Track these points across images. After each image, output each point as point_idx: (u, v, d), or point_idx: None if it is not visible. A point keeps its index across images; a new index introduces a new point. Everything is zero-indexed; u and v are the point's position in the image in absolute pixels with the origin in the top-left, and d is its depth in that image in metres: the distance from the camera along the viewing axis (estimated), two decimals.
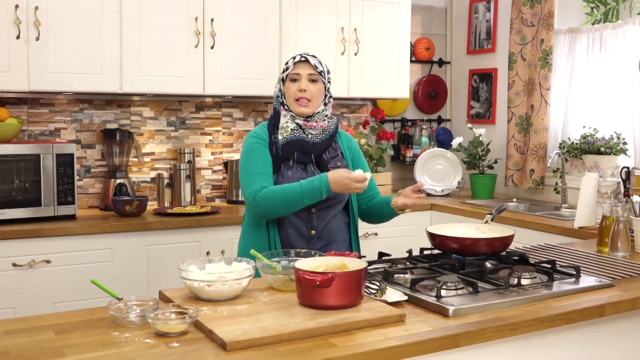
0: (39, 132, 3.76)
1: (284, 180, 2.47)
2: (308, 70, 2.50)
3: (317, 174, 2.44)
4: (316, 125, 2.53)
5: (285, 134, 2.50)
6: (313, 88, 2.50)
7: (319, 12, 4.08)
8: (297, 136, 2.51)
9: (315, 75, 2.51)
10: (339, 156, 2.60)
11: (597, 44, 4.03)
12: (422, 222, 4.07)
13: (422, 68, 5.01)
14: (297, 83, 2.50)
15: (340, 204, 2.55)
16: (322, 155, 2.54)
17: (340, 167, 2.54)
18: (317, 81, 2.52)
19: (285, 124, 2.52)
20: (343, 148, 2.63)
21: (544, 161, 4.22)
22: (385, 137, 4.54)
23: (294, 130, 2.51)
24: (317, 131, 2.53)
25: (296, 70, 2.50)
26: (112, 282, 3.24)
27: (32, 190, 3.34)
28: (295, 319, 1.72)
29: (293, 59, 2.53)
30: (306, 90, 2.49)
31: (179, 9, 3.66)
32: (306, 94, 2.49)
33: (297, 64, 2.51)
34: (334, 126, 2.59)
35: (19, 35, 3.30)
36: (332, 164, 2.55)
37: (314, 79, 2.51)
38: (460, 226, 2.50)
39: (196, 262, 2.00)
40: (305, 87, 2.49)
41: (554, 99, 4.23)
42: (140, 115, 4.01)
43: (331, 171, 2.38)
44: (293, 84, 2.51)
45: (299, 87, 2.49)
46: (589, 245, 2.79)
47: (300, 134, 2.51)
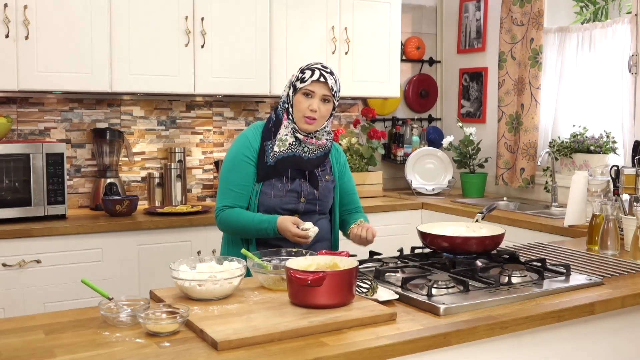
0: (29, 131, 3.74)
1: (273, 192, 2.49)
2: (324, 90, 2.46)
3: (306, 188, 2.52)
4: (315, 143, 2.52)
5: (283, 148, 2.49)
6: (324, 109, 2.47)
7: (309, 11, 4.08)
8: (294, 152, 2.50)
9: (329, 96, 2.47)
10: (328, 170, 2.62)
11: (586, 43, 4.05)
12: (413, 221, 4.08)
13: (413, 67, 5.01)
14: (310, 100, 2.45)
15: (322, 214, 2.61)
16: (315, 170, 2.56)
17: (329, 181, 2.59)
18: (329, 101, 2.48)
19: (284, 137, 2.50)
20: (332, 162, 2.65)
21: (534, 160, 4.24)
22: (376, 136, 4.54)
23: (292, 145, 2.50)
24: (314, 147, 2.53)
25: (312, 88, 2.45)
26: (103, 281, 3.22)
27: (21, 190, 3.32)
28: (286, 318, 1.72)
29: (312, 74, 2.45)
30: (317, 111, 2.45)
31: (169, 8, 3.65)
32: (316, 114, 2.46)
33: (316, 82, 2.45)
34: (330, 144, 2.60)
35: (8, 34, 3.28)
36: (322, 178, 2.58)
37: (327, 99, 2.48)
38: (451, 225, 2.51)
39: (187, 261, 2.00)
40: (317, 107, 2.45)
41: (544, 98, 4.25)
42: (130, 115, 4.00)
43: (281, 218, 2.40)
44: (305, 100, 2.46)
45: (310, 105, 2.45)
46: (579, 244, 2.81)
47: (297, 149, 2.51)
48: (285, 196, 2.50)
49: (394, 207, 4.16)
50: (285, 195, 2.50)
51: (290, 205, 2.51)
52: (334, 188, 2.63)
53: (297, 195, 2.52)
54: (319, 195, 2.55)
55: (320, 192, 2.56)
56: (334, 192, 2.63)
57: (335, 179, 2.64)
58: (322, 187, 2.56)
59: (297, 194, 2.52)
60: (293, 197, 2.52)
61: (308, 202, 2.54)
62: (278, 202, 2.49)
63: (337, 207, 2.66)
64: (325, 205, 2.59)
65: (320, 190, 2.56)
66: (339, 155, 2.70)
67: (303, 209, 2.53)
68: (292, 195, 2.51)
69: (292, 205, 2.51)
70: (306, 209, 2.54)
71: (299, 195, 2.52)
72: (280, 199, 2.49)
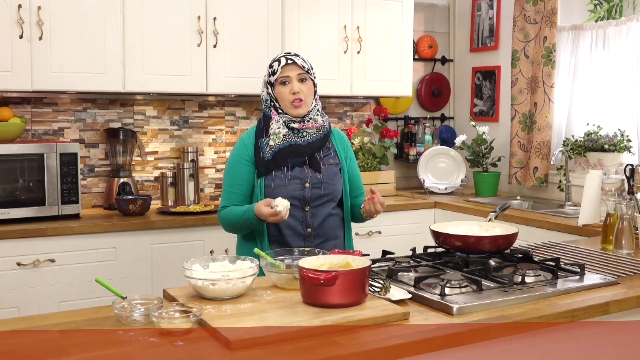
0: (43, 131, 3.77)
1: (274, 182, 2.51)
2: (296, 71, 2.52)
3: (309, 173, 2.54)
4: (312, 127, 2.55)
5: (277, 140, 2.52)
6: (304, 88, 2.52)
7: (321, 10, 4.08)
8: (290, 142, 2.53)
9: (304, 74, 2.53)
10: (332, 154, 2.62)
11: (600, 41, 4.02)
12: (425, 220, 4.08)
13: (425, 66, 5.00)
14: (289, 86, 2.51)
15: (333, 200, 2.59)
16: (315, 154, 2.57)
17: (333, 164, 2.60)
18: (306, 80, 2.54)
19: (277, 130, 2.53)
20: (337, 147, 2.66)
21: (547, 159, 4.21)
22: (388, 135, 4.53)
23: (286, 135, 2.53)
24: (312, 130, 2.56)
25: (285, 73, 2.51)
26: (116, 281, 3.24)
27: (36, 190, 3.34)
28: (299, 317, 1.72)
29: (278, 62, 2.53)
30: (299, 92, 2.51)
31: (182, 8, 3.66)
32: (299, 94, 2.51)
33: (285, 67, 2.52)
34: (328, 125, 2.62)
35: (22, 34, 3.30)
36: (325, 162, 2.58)
37: (303, 78, 2.53)
38: (464, 224, 2.50)
39: (200, 260, 2.00)
40: (297, 88, 2.51)
41: (558, 97, 4.22)
42: (143, 114, 4.02)
43: (256, 205, 2.42)
44: (284, 87, 2.52)
45: (291, 89, 2.51)
46: (593, 243, 2.79)
47: (293, 138, 2.54)
48: (289, 184, 2.51)
49: (406, 207, 4.15)
50: (289, 184, 2.51)
51: (296, 192, 2.52)
52: (340, 172, 2.62)
53: (300, 181, 2.53)
54: (323, 178, 2.55)
55: (324, 174, 2.56)
56: (341, 176, 2.62)
57: (342, 163, 2.64)
58: (325, 169, 2.56)
59: (301, 180, 2.53)
60: (297, 184, 2.52)
61: (314, 187, 2.53)
62: (283, 191, 2.49)
63: (346, 195, 2.64)
64: (332, 189, 2.57)
65: (324, 173, 2.56)
66: (343, 141, 2.70)
67: (310, 195, 2.53)
68: (295, 182, 2.52)
69: (298, 192, 2.52)
70: (313, 195, 2.54)
71: (303, 182, 2.53)
72: (285, 188, 2.50)
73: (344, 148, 2.68)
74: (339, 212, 2.64)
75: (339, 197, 2.62)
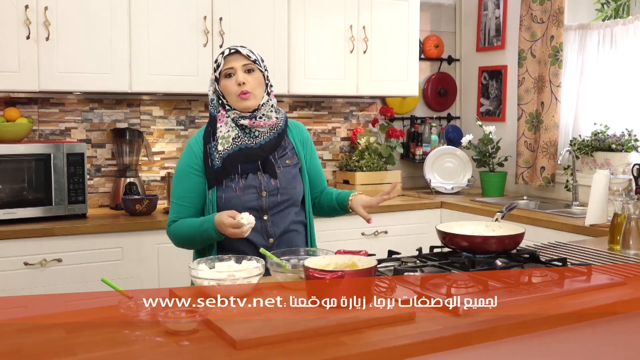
0: (50, 131, 3.78)
1: (226, 194, 2.31)
2: (241, 61, 2.30)
3: (264, 179, 2.34)
4: (264, 125, 2.34)
5: (227, 145, 2.32)
6: (251, 79, 2.30)
7: (327, 10, 4.08)
8: (240, 145, 2.32)
9: (250, 64, 2.31)
10: (288, 154, 2.41)
11: (607, 40, 4.00)
12: (432, 220, 4.07)
13: (432, 65, 4.99)
14: (234, 77, 2.30)
15: (293, 205, 2.40)
16: (269, 157, 2.36)
17: (290, 166, 2.39)
18: (253, 70, 2.32)
19: (226, 134, 2.32)
20: (294, 142, 2.44)
21: (554, 158, 4.20)
22: (394, 135, 4.53)
23: (236, 139, 2.32)
24: (264, 129, 2.35)
25: (229, 65, 2.30)
26: (123, 280, 3.24)
27: (43, 190, 3.35)
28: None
29: (222, 54, 2.32)
30: (245, 83, 2.29)
31: (188, 8, 3.67)
32: (245, 86, 2.29)
33: (228, 57, 2.31)
34: (283, 122, 2.40)
35: (29, 35, 3.31)
36: (281, 164, 2.38)
37: (250, 69, 2.31)
38: (470, 224, 2.49)
39: (206, 260, 2.01)
40: (242, 79, 2.29)
41: (565, 96, 4.21)
42: (149, 115, 4.02)
43: (218, 214, 2.22)
44: (229, 80, 2.30)
45: (236, 81, 2.29)
46: (601, 243, 2.78)
47: (244, 141, 2.33)
48: (243, 195, 2.31)
49: (412, 207, 4.14)
50: (243, 194, 2.31)
51: (252, 202, 2.31)
52: (300, 172, 2.42)
53: (256, 190, 2.33)
54: (280, 184, 2.35)
55: (281, 179, 2.35)
56: (300, 177, 2.42)
57: (301, 161, 2.42)
58: (281, 174, 2.36)
59: (256, 188, 2.33)
60: (252, 193, 2.32)
61: (271, 195, 2.33)
62: (237, 202, 2.29)
63: (307, 195, 2.44)
64: (292, 194, 2.37)
65: (281, 178, 2.35)
66: (301, 133, 2.47)
67: (268, 203, 2.33)
68: (250, 191, 2.32)
69: (254, 202, 2.32)
70: (271, 203, 2.34)
71: (259, 190, 2.33)
72: (239, 199, 2.30)
73: (302, 142, 2.46)
74: (299, 215, 2.43)
75: (300, 199, 2.42)
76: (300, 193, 2.42)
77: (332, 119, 4.59)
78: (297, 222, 2.43)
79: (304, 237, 2.46)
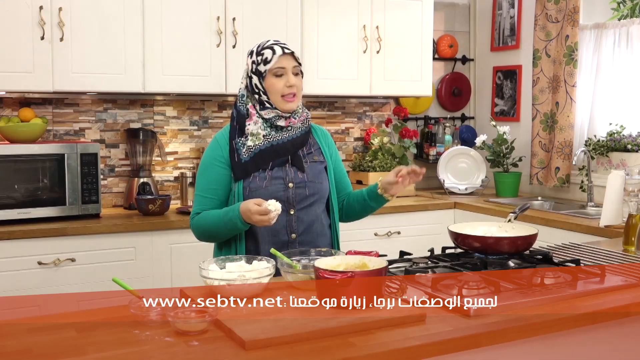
0: (64, 131, 3.80)
1: (252, 185, 2.31)
2: (292, 63, 2.32)
3: (291, 172, 2.34)
4: (297, 121, 2.37)
5: (257, 141, 2.32)
6: (298, 82, 2.33)
7: (340, 10, 4.07)
8: (271, 142, 2.33)
9: (298, 67, 2.34)
10: (315, 152, 2.43)
11: (623, 40, 3.97)
12: (445, 220, 4.04)
13: (445, 65, 4.97)
14: (284, 78, 2.30)
15: (320, 202, 2.40)
16: (298, 152, 2.37)
17: (317, 162, 2.40)
18: (299, 74, 2.35)
19: (256, 132, 2.33)
20: (321, 144, 2.46)
21: (569, 159, 4.17)
22: (408, 135, 4.51)
23: (267, 136, 2.33)
24: (297, 125, 2.38)
25: (281, 64, 2.29)
26: (136, 280, 3.25)
27: (57, 190, 3.37)
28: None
29: (272, 51, 2.29)
30: (294, 85, 2.31)
31: (201, 9, 3.68)
32: (294, 89, 2.31)
33: (282, 57, 2.30)
34: (309, 118, 2.46)
35: (43, 36, 3.34)
36: (308, 159, 2.39)
37: (298, 72, 2.34)
38: (482, 225, 2.48)
39: (216, 260, 2.01)
40: (293, 82, 2.31)
41: (580, 96, 4.17)
42: (163, 115, 4.04)
43: (244, 202, 2.20)
44: (279, 80, 2.30)
45: (287, 82, 2.30)
46: (615, 244, 2.75)
47: (275, 138, 2.34)
48: (270, 185, 2.31)
49: (426, 207, 4.13)
50: (270, 184, 2.31)
51: (279, 193, 2.30)
52: (325, 170, 2.42)
53: (282, 181, 2.33)
54: (307, 177, 2.35)
55: (308, 173, 2.36)
56: (327, 175, 2.42)
57: (327, 161, 2.44)
58: (309, 167, 2.37)
59: (283, 179, 2.33)
60: (279, 184, 2.32)
61: (297, 187, 2.34)
62: (264, 192, 2.28)
63: (333, 195, 2.44)
64: (318, 188, 2.37)
65: (308, 171, 2.36)
66: (326, 137, 2.50)
67: (294, 196, 2.33)
68: (277, 182, 2.32)
69: (281, 193, 2.31)
70: (298, 196, 2.34)
71: (285, 182, 2.33)
72: (266, 189, 2.30)
73: (328, 145, 2.48)
74: (325, 217, 2.43)
75: (326, 197, 2.42)
76: (327, 190, 2.42)
77: (346, 119, 4.59)
78: (322, 221, 2.42)
79: (328, 238, 2.44)
